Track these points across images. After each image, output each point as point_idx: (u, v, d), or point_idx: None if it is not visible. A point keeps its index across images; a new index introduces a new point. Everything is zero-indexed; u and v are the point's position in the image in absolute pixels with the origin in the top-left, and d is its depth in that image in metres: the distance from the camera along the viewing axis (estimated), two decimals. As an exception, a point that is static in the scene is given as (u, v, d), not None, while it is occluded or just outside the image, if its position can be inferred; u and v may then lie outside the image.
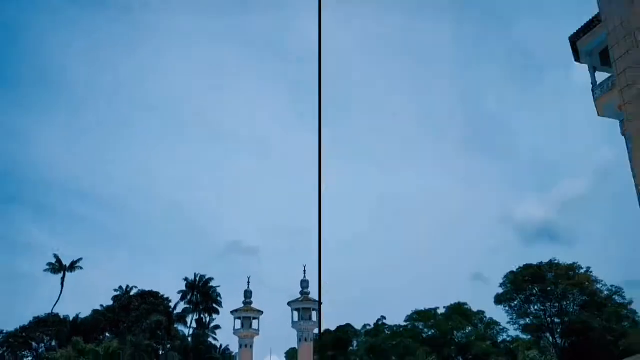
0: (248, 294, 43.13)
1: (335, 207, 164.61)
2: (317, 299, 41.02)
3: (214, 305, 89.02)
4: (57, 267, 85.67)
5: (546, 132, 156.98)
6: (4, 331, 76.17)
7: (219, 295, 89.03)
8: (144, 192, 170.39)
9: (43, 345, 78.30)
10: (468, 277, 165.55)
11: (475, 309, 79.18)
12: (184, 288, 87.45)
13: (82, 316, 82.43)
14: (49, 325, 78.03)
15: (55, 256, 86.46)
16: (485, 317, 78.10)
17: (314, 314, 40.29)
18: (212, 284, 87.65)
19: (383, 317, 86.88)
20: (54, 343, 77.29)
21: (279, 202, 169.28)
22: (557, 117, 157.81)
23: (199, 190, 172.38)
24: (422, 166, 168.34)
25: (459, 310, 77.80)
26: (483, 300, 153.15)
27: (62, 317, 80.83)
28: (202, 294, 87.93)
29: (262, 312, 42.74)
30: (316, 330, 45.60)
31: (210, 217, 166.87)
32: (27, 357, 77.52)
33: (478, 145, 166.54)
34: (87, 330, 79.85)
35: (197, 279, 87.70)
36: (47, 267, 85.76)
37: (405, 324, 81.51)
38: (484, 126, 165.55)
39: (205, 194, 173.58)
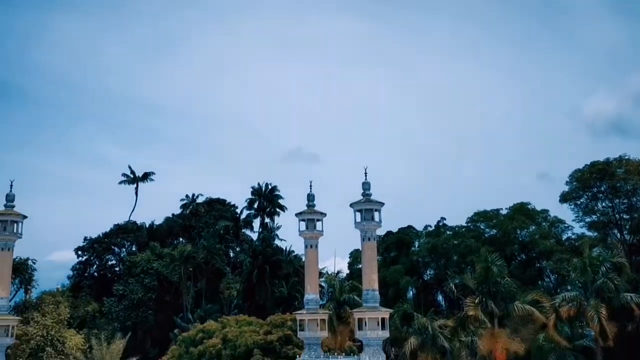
0: (311, 197, 44.18)
1: (397, 108, 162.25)
2: (379, 200, 41.70)
3: (278, 209, 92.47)
4: (131, 178, 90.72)
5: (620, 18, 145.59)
6: (89, 237, 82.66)
7: (282, 199, 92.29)
8: (210, 102, 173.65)
9: (124, 249, 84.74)
10: (533, 177, 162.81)
11: (539, 209, 78.40)
12: (249, 195, 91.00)
13: (156, 223, 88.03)
14: (127, 231, 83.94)
15: (129, 167, 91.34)
16: (550, 215, 77.29)
17: (377, 215, 41.05)
18: (276, 190, 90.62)
19: (443, 219, 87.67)
20: (134, 248, 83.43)
21: (341, 108, 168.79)
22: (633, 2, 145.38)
23: (263, 97, 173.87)
24: (484, 58, 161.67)
25: (522, 210, 77.20)
26: (548, 199, 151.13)
27: (139, 224, 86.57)
28: (267, 200, 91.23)
29: (325, 214, 43.95)
30: (379, 231, 46.70)
31: (273, 125, 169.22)
32: (111, 260, 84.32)
33: (544, 34, 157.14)
34: (162, 235, 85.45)
35: (263, 186, 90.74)
36: (122, 178, 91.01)
37: (466, 224, 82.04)
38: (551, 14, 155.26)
39: (268, 101, 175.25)
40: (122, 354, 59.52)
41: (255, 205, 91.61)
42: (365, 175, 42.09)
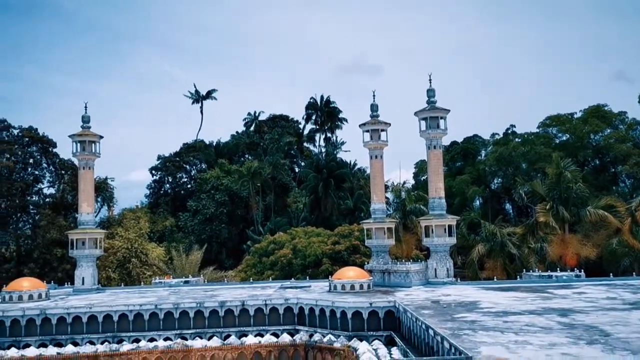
0: (374, 107, 43.48)
1: (461, 14, 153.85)
2: (445, 107, 40.62)
3: (339, 122, 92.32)
4: (195, 98, 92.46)
5: None
6: (162, 156, 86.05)
7: (340, 112, 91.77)
8: (267, 18, 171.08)
9: (195, 167, 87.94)
10: (609, 77, 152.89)
11: (616, 111, 74.08)
12: (309, 110, 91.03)
13: (222, 141, 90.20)
14: (196, 149, 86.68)
15: (194, 86, 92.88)
16: (627, 117, 72.98)
17: (442, 122, 40.11)
18: (336, 103, 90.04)
19: (512, 126, 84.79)
20: (203, 165, 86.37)
21: (403, 18, 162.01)
22: None
23: (323, 11, 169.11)
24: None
25: (597, 113, 73.17)
26: (625, 101, 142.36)
27: (206, 142, 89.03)
28: (326, 113, 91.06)
29: (389, 124, 43.36)
30: (444, 140, 45.92)
31: (332, 38, 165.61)
32: (183, 178, 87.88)
33: None
34: (229, 153, 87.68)
35: (318, 99, 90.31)
36: (187, 97, 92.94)
37: (537, 130, 79.04)
38: None
39: (328, 14, 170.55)
40: (200, 264, 63.34)
41: (313, 119, 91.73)
42: (430, 82, 40.88)
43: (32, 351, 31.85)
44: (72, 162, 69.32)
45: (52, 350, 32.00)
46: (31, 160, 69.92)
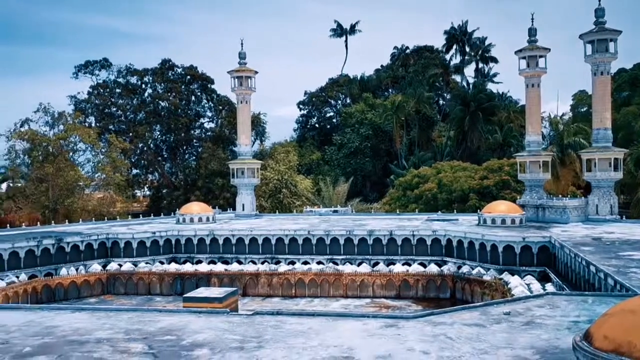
0: (532, 31, 40.15)
1: None
2: (615, 28, 36.53)
3: (489, 54, 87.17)
4: (339, 32, 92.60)
5: None
6: (308, 92, 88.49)
7: (489, 40, 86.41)
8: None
9: (339, 102, 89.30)
10: None
11: None
12: (452, 41, 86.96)
13: (367, 75, 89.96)
14: (340, 84, 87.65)
15: (336, 21, 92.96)
16: None
17: (612, 45, 36.09)
18: (485, 32, 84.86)
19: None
20: (348, 100, 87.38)
21: None
22: None
23: None
24: None
25: None
26: None
27: (351, 77, 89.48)
28: (471, 43, 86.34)
29: (548, 50, 39.98)
30: (614, 65, 41.61)
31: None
32: (329, 112, 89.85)
33: None
34: (373, 87, 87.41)
35: (457, 27, 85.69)
36: (331, 32, 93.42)
37: None
38: None
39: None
40: (346, 195, 65.44)
41: (454, 48, 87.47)
42: (599, 1, 36.75)
43: (203, 267, 35.83)
44: (228, 98, 74.17)
45: (220, 267, 35.73)
46: (193, 97, 75.98)
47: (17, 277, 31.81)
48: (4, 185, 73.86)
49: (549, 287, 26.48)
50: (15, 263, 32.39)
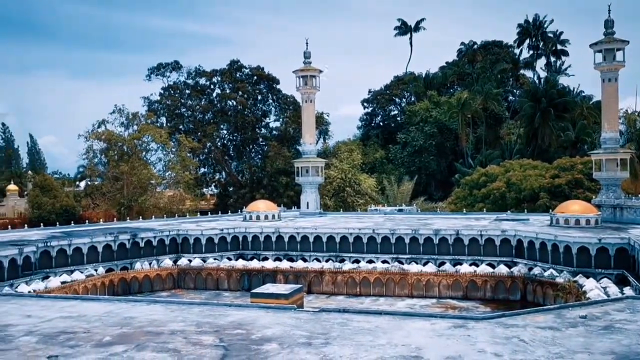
0: (609, 23, 38.11)
1: None
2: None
3: (561, 47, 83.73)
4: (404, 29, 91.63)
5: None
6: (372, 90, 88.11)
7: (562, 34, 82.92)
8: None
9: (404, 99, 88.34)
10: None
11: None
12: (522, 34, 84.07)
13: (431, 72, 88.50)
14: (405, 82, 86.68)
15: (400, 19, 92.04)
16: None
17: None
18: (557, 25, 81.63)
19: None
20: (412, 98, 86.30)
21: None
22: None
23: None
24: None
25: None
26: None
27: (415, 74, 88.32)
28: (544, 37, 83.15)
29: (627, 42, 37.94)
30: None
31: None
32: (393, 111, 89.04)
33: None
34: (438, 84, 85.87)
35: (531, 20, 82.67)
36: (395, 30, 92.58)
37: None
38: None
39: None
40: (411, 194, 64.71)
41: (527, 43, 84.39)
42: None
43: (269, 263, 36.45)
44: (293, 97, 75.05)
45: (285, 264, 36.22)
46: (259, 97, 77.41)
47: (96, 270, 33.52)
48: (83, 184, 78.08)
49: (627, 291, 25.16)
50: (93, 257, 34.13)
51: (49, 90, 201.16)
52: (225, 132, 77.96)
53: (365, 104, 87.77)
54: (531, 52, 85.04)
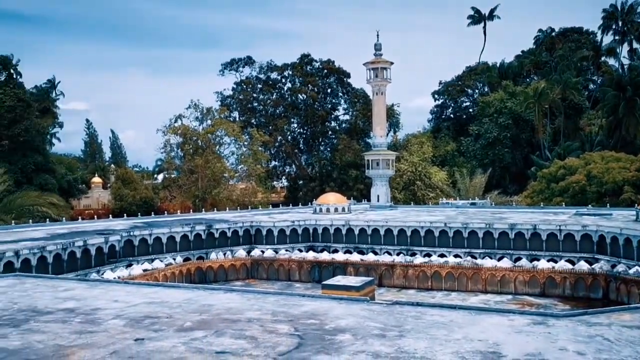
0: None
1: None
2: None
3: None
4: (477, 18, 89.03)
5: None
6: (443, 81, 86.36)
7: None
8: None
9: (477, 90, 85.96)
10: None
11: None
12: (607, 19, 79.44)
13: (506, 61, 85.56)
14: (478, 72, 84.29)
15: (473, 8, 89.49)
16: None
17: None
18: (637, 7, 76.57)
19: None
20: (486, 88, 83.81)
21: None
22: None
23: None
24: None
25: None
26: None
27: (489, 64, 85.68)
28: (629, 20, 78.21)
29: None
30: None
31: None
32: (465, 102, 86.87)
33: None
34: (513, 74, 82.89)
35: (624, 6, 77.79)
36: (468, 19, 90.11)
37: None
38: None
39: None
40: (484, 188, 63.02)
41: (613, 29, 79.56)
42: None
43: (340, 256, 36.66)
44: (363, 90, 74.89)
45: (356, 257, 36.31)
46: (329, 90, 77.78)
47: (174, 259, 34.98)
48: (160, 177, 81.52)
49: None
50: (172, 246, 35.64)
51: (130, 87, 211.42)
52: (295, 125, 78.94)
53: (436, 96, 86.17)
54: (616, 37, 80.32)
